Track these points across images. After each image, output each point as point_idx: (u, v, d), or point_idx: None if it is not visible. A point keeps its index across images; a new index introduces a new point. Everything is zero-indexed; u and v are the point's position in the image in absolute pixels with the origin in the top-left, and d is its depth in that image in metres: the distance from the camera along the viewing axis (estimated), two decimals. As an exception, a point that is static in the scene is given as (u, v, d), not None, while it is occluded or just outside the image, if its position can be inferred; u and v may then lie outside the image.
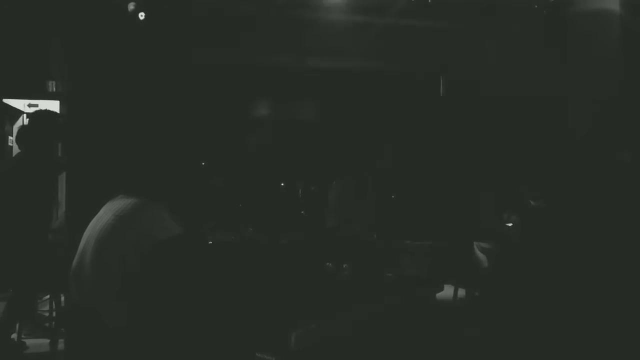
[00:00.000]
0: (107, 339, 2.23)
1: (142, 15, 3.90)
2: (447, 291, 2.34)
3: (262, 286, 2.11)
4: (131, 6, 3.67)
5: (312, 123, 7.16)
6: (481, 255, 3.74)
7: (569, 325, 3.16)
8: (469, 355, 2.80)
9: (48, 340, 3.12)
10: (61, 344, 2.96)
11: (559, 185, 4.07)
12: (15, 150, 3.66)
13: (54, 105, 4.92)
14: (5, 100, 4.98)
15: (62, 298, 3.17)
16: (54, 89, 5.32)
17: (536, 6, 4.92)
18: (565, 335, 3.16)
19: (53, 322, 3.33)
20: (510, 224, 4.01)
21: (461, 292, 3.95)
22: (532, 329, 3.37)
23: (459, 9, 5.52)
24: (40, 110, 3.64)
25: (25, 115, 4.95)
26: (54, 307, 3.30)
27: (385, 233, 5.06)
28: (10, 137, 4.85)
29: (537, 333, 3.33)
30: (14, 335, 3.25)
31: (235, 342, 1.60)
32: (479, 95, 6.05)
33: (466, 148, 6.44)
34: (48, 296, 3.58)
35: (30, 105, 5.08)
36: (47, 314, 3.50)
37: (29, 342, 3.30)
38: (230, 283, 2.26)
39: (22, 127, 3.63)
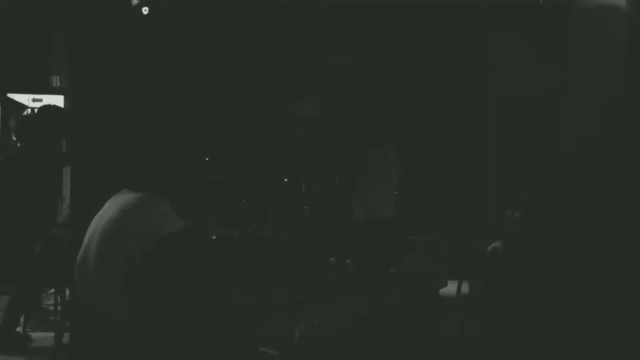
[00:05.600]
0: (112, 333, 2.25)
1: (145, 10, 3.89)
2: (451, 287, 2.35)
3: (265, 281, 2.11)
4: (135, 0, 3.66)
5: (314, 118, 7.16)
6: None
7: (571, 324, 3.16)
8: (469, 353, 2.80)
9: (53, 334, 3.14)
10: (66, 338, 2.97)
11: (561, 183, 4.06)
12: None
13: (58, 100, 4.94)
14: (10, 95, 5.00)
15: (67, 292, 3.19)
16: (58, 84, 5.33)
17: (541, 1, 4.88)
18: (567, 334, 3.16)
19: (58, 316, 3.35)
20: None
21: (465, 289, 3.95)
22: (535, 327, 3.38)
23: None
24: (47, 106, 3.65)
25: (29, 110, 4.97)
26: (58, 300, 3.32)
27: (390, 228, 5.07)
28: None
29: (539, 331, 3.33)
30: (19, 329, 3.27)
31: (238, 337, 1.60)
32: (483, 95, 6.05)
33: (471, 145, 6.42)
34: (53, 290, 3.60)
35: (34, 100, 5.10)
36: (52, 308, 3.52)
37: (34, 335, 3.32)
38: (233, 278, 2.27)
39: (24, 121, 3.64)
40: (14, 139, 3.62)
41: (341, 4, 5.72)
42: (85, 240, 2.51)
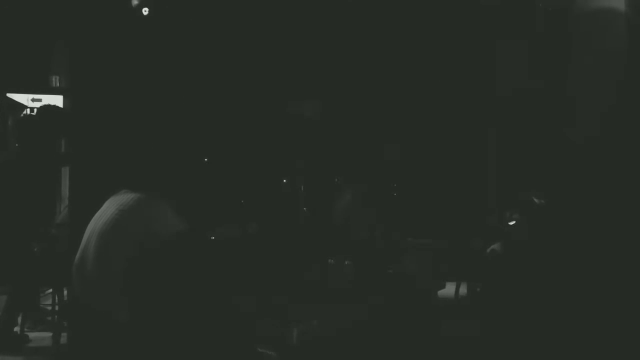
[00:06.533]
0: (110, 333, 2.24)
1: (145, 11, 3.90)
2: (449, 289, 2.34)
3: (264, 281, 2.11)
4: (135, 1, 3.67)
5: (315, 120, 7.16)
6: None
7: (571, 325, 3.16)
8: (469, 354, 2.80)
9: (50, 334, 3.14)
10: (64, 338, 2.97)
11: (562, 183, 4.06)
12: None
13: (57, 100, 4.94)
14: (9, 95, 5.00)
15: (65, 292, 3.18)
16: (58, 84, 5.33)
17: (541, 4, 4.90)
18: (568, 335, 3.16)
19: (56, 316, 3.35)
20: (512, 223, 4.01)
21: (463, 290, 3.95)
22: (534, 328, 3.38)
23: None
24: (46, 106, 3.65)
25: (28, 110, 4.98)
26: (56, 300, 3.31)
27: (388, 231, 5.08)
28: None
29: (539, 332, 3.33)
30: (17, 329, 3.27)
31: (236, 337, 1.60)
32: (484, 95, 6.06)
33: (470, 146, 6.43)
34: (51, 290, 3.59)
35: (33, 100, 5.10)
36: (49, 308, 3.52)
37: (32, 335, 3.32)
38: (232, 278, 2.26)
39: (22, 121, 3.65)
40: (13, 139, 3.63)
41: (343, 4, 5.73)
42: (84, 240, 2.51)
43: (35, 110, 4.33)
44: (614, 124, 3.83)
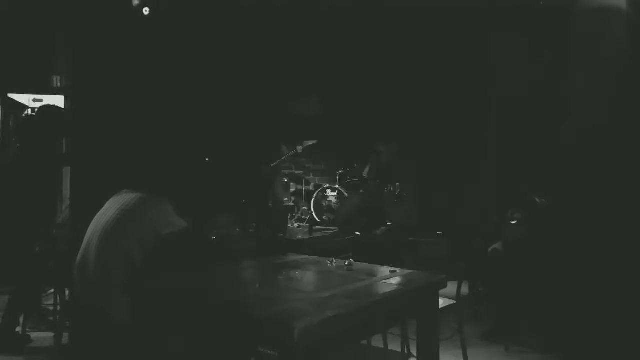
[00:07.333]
0: (111, 334, 2.25)
1: (146, 10, 3.90)
2: (451, 288, 2.34)
3: (264, 281, 2.12)
4: (136, 1, 3.68)
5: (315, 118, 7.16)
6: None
7: (573, 323, 3.16)
8: (468, 354, 2.81)
9: (52, 334, 3.14)
10: (66, 338, 2.98)
11: (564, 183, 4.06)
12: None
13: (58, 100, 4.95)
14: (10, 95, 5.01)
15: (67, 292, 3.19)
16: (59, 84, 5.34)
17: (541, 2, 4.88)
18: (568, 333, 3.17)
19: (57, 316, 3.36)
20: (514, 222, 4.00)
21: (465, 289, 3.94)
22: (535, 327, 3.38)
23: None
24: (46, 106, 3.66)
25: (30, 110, 4.99)
26: (58, 301, 3.32)
27: (390, 229, 5.09)
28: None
29: (540, 331, 3.34)
30: (19, 329, 3.27)
31: (237, 337, 1.60)
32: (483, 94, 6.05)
33: (471, 145, 6.43)
34: (52, 290, 3.60)
35: (35, 100, 5.10)
36: (51, 308, 3.52)
37: (34, 335, 3.33)
38: (232, 278, 2.27)
39: (23, 122, 3.66)
40: (14, 139, 3.63)
41: (342, 4, 5.73)
42: (85, 240, 2.51)
43: (36, 110, 4.34)
44: (614, 123, 3.82)
